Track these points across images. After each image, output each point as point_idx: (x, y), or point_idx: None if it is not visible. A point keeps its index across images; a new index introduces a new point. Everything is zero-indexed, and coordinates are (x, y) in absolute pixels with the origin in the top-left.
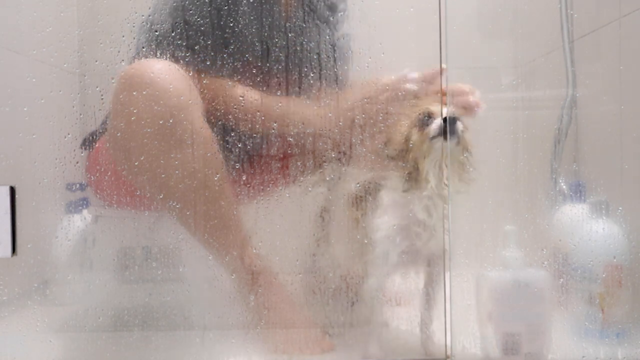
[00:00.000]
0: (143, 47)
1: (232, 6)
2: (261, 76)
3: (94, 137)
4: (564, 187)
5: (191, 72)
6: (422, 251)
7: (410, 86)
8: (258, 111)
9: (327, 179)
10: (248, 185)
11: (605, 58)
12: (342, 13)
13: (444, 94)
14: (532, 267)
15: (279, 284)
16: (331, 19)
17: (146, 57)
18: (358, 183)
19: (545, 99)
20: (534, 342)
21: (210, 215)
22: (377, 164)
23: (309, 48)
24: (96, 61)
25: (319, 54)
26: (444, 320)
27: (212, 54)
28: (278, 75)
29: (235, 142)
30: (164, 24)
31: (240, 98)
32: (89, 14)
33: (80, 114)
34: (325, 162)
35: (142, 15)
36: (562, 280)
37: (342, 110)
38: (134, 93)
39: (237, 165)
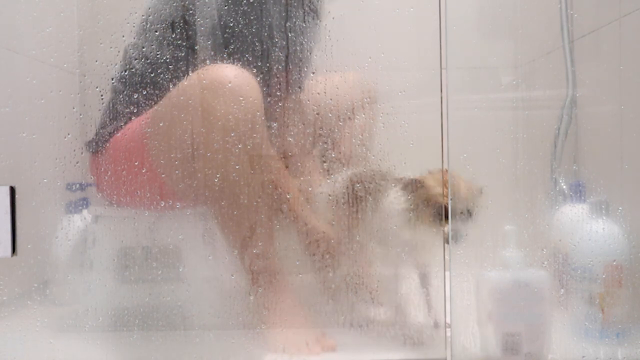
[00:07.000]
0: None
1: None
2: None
3: (103, 137)
4: (564, 187)
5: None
6: None
7: None
8: None
9: (328, 180)
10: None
11: (605, 58)
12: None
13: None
14: (532, 267)
15: (279, 284)
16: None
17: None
18: (359, 183)
19: (545, 99)
20: (534, 342)
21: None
22: None
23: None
24: (96, 61)
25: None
26: (444, 320)
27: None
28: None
29: (236, 142)
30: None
31: None
32: (89, 14)
33: (80, 114)
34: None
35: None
36: (562, 280)
37: None
38: (211, 95)
39: (237, 166)
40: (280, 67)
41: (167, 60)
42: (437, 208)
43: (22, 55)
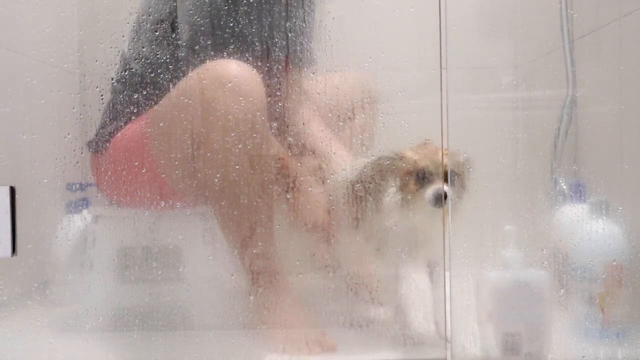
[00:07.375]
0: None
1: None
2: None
3: (104, 137)
4: (564, 187)
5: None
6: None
7: None
8: None
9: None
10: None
11: (605, 58)
12: None
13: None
14: (532, 267)
15: (279, 284)
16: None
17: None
18: (358, 183)
19: (545, 99)
20: (534, 342)
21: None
22: None
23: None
24: (96, 61)
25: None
26: (444, 320)
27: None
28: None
29: (236, 142)
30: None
31: None
32: (89, 14)
33: (80, 114)
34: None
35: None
36: (562, 280)
37: None
38: (213, 92)
39: (237, 166)
40: (280, 67)
41: (167, 60)
42: (418, 174)
43: (22, 55)
